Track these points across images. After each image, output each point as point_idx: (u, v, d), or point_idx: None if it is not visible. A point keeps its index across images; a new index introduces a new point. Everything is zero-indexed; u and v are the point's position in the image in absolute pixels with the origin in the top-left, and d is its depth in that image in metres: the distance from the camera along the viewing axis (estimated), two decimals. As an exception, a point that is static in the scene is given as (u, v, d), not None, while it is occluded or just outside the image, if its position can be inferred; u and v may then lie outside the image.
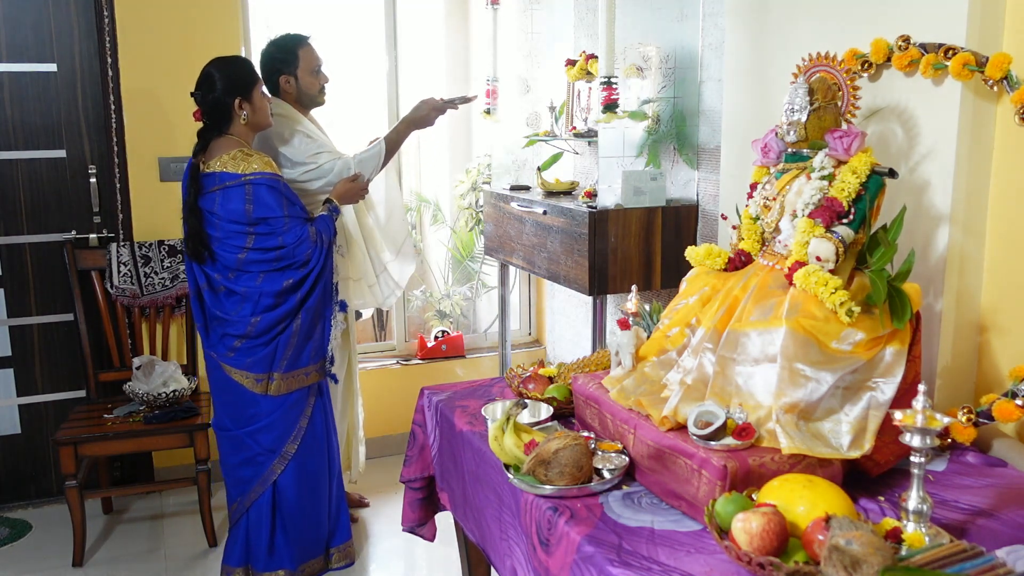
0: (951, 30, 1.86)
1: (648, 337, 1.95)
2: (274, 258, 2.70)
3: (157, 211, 3.49)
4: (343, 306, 2.96)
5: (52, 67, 3.38)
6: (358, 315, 3.92)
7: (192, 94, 2.69)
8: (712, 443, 1.58)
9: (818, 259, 1.69)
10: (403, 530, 2.34)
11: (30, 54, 3.35)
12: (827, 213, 1.71)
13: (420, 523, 2.32)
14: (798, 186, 1.80)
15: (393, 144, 3.05)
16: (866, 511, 1.56)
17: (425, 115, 3.02)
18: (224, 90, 2.66)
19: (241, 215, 2.65)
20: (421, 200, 4.87)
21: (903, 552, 1.32)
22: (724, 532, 1.41)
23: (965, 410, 1.83)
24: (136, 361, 3.28)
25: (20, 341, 3.46)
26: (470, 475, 1.99)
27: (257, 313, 2.70)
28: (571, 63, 3.45)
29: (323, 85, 3.11)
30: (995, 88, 1.82)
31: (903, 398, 1.60)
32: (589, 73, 3.34)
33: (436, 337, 4.24)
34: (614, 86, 2.80)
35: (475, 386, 2.35)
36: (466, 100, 3.12)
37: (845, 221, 1.71)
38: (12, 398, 3.50)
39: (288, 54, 3.02)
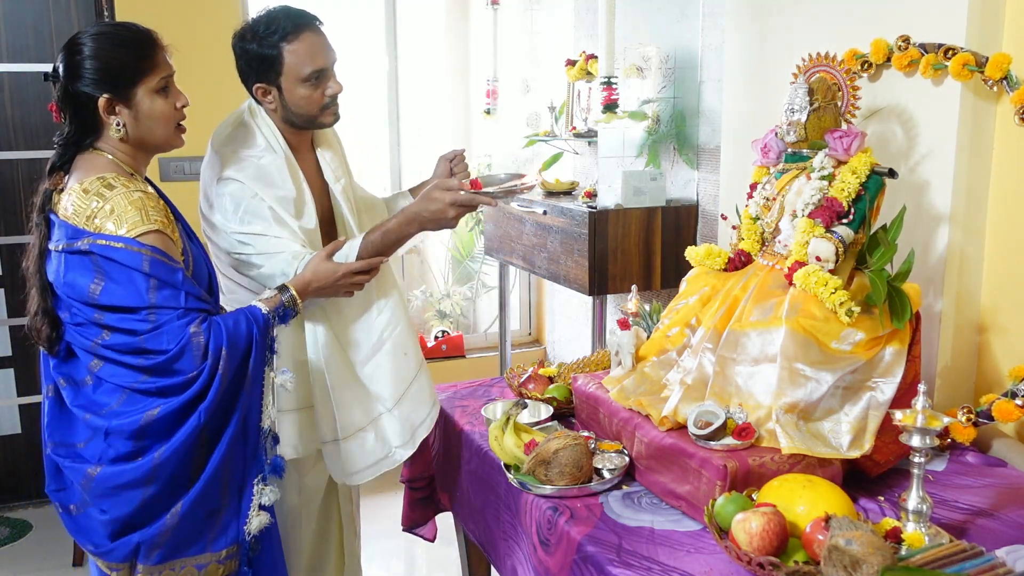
0: (951, 30, 1.86)
1: (648, 337, 1.95)
2: (140, 367, 1.62)
3: (157, 211, 3.48)
4: (276, 467, 1.73)
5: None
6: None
7: (47, 76, 1.70)
8: (712, 443, 1.58)
9: (818, 259, 1.69)
10: (403, 530, 2.34)
11: (30, 54, 3.35)
12: (827, 213, 1.71)
13: (420, 523, 2.32)
14: (798, 186, 1.80)
15: (386, 243, 1.91)
16: (866, 511, 1.56)
17: (439, 213, 1.88)
18: (92, 78, 1.63)
19: (85, 295, 1.61)
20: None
21: (903, 552, 1.32)
22: (724, 532, 1.41)
23: (965, 410, 1.83)
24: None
25: (20, 341, 3.46)
26: (470, 475, 1.99)
27: (102, 461, 1.64)
28: (571, 63, 3.45)
29: (328, 100, 1.93)
30: (995, 88, 1.82)
31: (903, 398, 1.60)
32: (589, 73, 3.34)
33: (436, 337, 4.24)
34: (614, 86, 2.80)
35: (475, 386, 2.35)
36: (514, 191, 1.98)
37: (845, 221, 1.72)
38: (12, 398, 3.50)
39: (266, 50, 1.87)
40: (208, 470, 1.64)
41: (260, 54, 1.88)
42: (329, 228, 2.08)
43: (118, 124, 1.67)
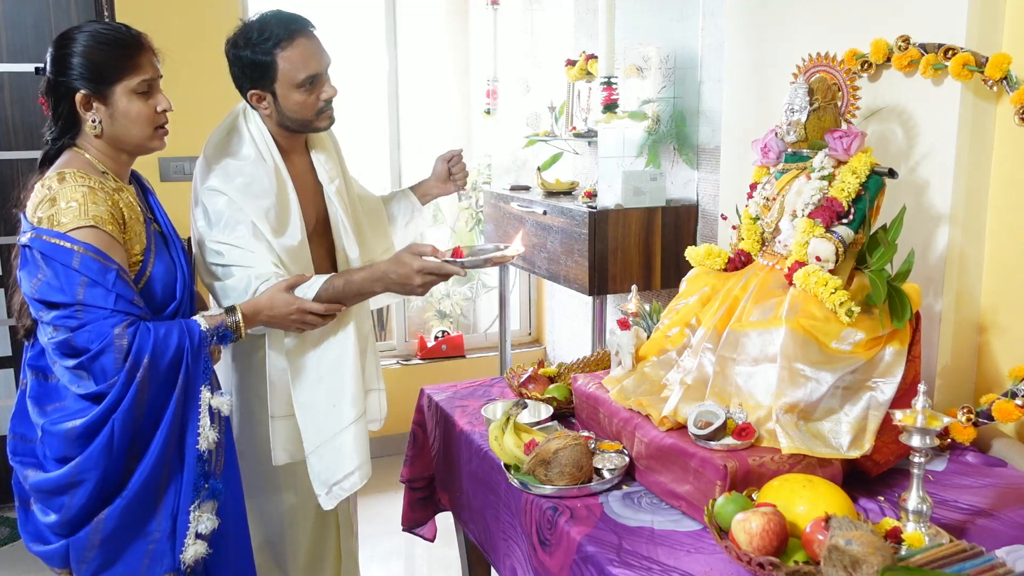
0: (951, 30, 1.86)
1: (648, 337, 1.95)
2: (74, 368, 1.61)
3: (157, 211, 3.49)
4: (214, 492, 1.69)
5: (52, 67, 3.39)
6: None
7: (38, 70, 1.73)
8: (712, 443, 1.58)
9: (818, 259, 1.69)
10: (403, 530, 2.33)
11: (30, 54, 3.35)
12: (827, 213, 1.72)
13: (420, 523, 2.32)
14: (798, 186, 1.80)
15: (347, 294, 1.84)
16: (866, 511, 1.56)
17: (405, 278, 1.80)
18: (75, 73, 1.66)
19: (29, 290, 1.62)
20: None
21: (903, 552, 1.32)
22: (724, 532, 1.41)
23: (965, 410, 1.83)
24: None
25: (20, 341, 3.45)
26: (470, 475, 1.99)
27: (44, 463, 1.66)
28: (571, 63, 3.45)
29: (323, 104, 1.92)
30: (995, 88, 1.82)
31: (903, 398, 1.60)
32: (589, 73, 3.34)
33: (436, 337, 4.24)
34: (614, 86, 2.80)
35: (475, 386, 2.35)
36: (491, 261, 1.88)
37: (845, 221, 1.72)
38: (12, 398, 3.50)
39: (260, 56, 1.86)
40: (132, 486, 1.61)
41: (254, 61, 1.87)
42: (324, 229, 2.08)
43: (93, 120, 1.68)
